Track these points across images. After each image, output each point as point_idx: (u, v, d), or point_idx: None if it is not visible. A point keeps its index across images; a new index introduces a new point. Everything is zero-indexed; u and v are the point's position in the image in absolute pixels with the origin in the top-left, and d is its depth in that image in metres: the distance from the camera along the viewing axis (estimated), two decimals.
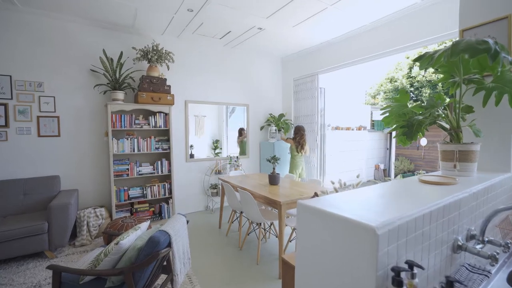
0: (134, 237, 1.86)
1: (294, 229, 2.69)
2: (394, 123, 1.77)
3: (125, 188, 3.68)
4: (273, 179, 3.11)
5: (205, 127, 4.68)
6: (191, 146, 4.49)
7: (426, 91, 11.40)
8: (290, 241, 2.86)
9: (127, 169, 3.66)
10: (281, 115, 5.16)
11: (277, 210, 2.56)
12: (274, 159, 3.12)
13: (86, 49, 3.56)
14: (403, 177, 7.97)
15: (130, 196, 3.71)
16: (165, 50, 3.81)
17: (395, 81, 12.97)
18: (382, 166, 8.52)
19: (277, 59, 5.40)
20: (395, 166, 8.18)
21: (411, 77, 12.27)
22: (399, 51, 3.50)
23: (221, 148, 4.85)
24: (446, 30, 2.88)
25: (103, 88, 3.63)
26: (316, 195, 1.16)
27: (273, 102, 5.41)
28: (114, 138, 3.54)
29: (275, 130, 5.06)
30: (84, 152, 3.61)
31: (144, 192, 3.80)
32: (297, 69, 5.08)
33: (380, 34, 3.56)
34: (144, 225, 2.03)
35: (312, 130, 4.82)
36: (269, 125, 5.21)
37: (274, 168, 3.17)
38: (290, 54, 5.11)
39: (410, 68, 12.36)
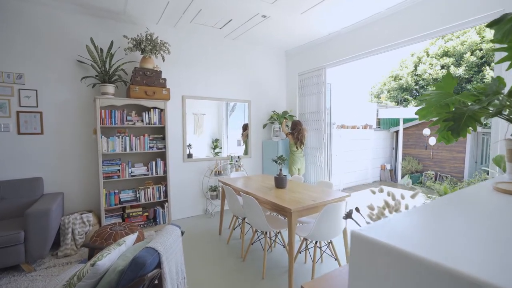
0: (117, 254, 1.53)
1: (304, 240, 2.36)
2: (434, 116, 1.42)
3: (116, 191, 3.35)
4: (280, 182, 2.78)
5: (204, 125, 4.36)
6: (189, 145, 4.16)
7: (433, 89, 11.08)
8: (300, 253, 2.53)
9: (118, 170, 3.32)
10: (285, 112, 4.84)
11: (284, 217, 2.24)
12: (281, 159, 2.80)
13: (73, 37, 3.23)
14: (411, 177, 7.66)
15: (122, 199, 3.38)
16: (160, 40, 3.48)
17: (400, 79, 12.66)
18: (388, 167, 8.20)
19: (281, 52, 5.07)
20: (402, 167, 7.86)
21: (417, 75, 11.95)
22: (418, 40, 3.17)
23: (221, 148, 4.52)
24: (476, 13, 2.55)
25: (91, 81, 3.29)
26: (357, 210, 0.83)
27: (276, 99, 5.08)
28: (103, 136, 3.20)
29: (279, 128, 4.73)
30: (70, 151, 3.27)
31: (137, 195, 3.47)
32: (303, 63, 4.75)
33: (397, 21, 3.23)
34: (130, 238, 1.70)
35: (318, 128, 4.50)
36: (272, 122, 4.88)
37: (280, 170, 2.84)
38: (295, 46, 4.78)
39: (416, 66, 12.04)
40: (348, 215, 0.88)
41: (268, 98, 4.96)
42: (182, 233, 1.83)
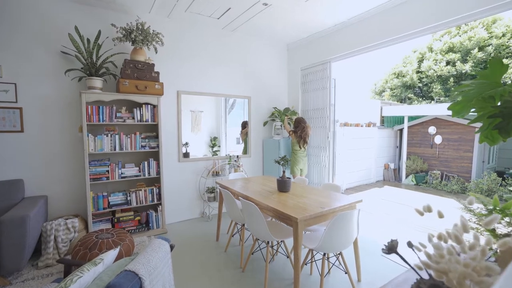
0: (91, 277, 1.28)
1: (310, 250, 2.11)
2: (475, 111, 1.16)
3: (105, 194, 3.09)
4: (283, 185, 2.53)
5: (202, 123, 4.09)
6: (186, 143, 3.90)
7: (437, 87, 10.83)
8: (306, 264, 2.29)
9: (107, 171, 3.06)
10: (287, 109, 4.57)
11: (287, 225, 1.98)
12: (284, 160, 2.54)
13: (56, 26, 2.95)
14: (416, 177, 7.42)
15: (111, 203, 3.12)
16: (153, 30, 3.20)
17: (404, 76, 12.38)
18: (392, 166, 7.96)
19: (283, 45, 4.80)
20: (406, 166, 7.61)
21: (420, 71, 11.66)
22: (431, 30, 2.91)
23: (219, 146, 4.26)
24: (492, 2, 2.29)
25: (76, 74, 3.02)
26: (409, 246, 0.58)
27: (278, 95, 4.82)
28: (90, 135, 2.94)
29: (281, 125, 4.47)
30: (54, 150, 3.01)
31: (128, 198, 3.21)
32: (306, 57, 4.48)
33: (409, 10, 2.96)
34: (110, 255, 1.45)
35: (323, 126, 4.24)
36: (273, 120, 4.62)
37: (284, 171, 2.58)
38: (298, 39, 4.50)
39: (420, 62, 11.74)
40: (391, 249, 0.62)
41: (269, 94, 4.69)
42: (172, 247, 1.58)
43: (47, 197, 2.95)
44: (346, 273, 2.12)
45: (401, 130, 8.21)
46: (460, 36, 9.52)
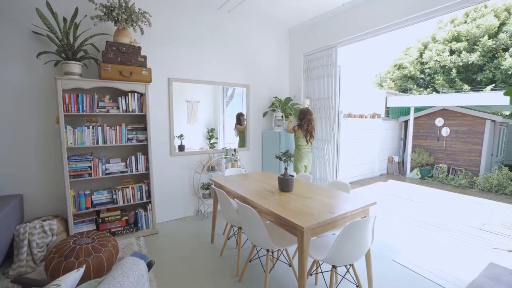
0: None
1: (316, 262, 1.84)
2: None
3: (87, 192, 2.79)
4: (286, 184, 2.23)
5: (199, 114, 3.77)
6: (181, 135, 3.59)
7: (440, 78, 10.43)
8: (311, 275, 2.02)
9: (89, 167, 2.76)
10: (288, 99, 4.24)
11: (290, 233, 1.69)
12: (287, 156, 2.23)
13: (26, 2, 2.58)
14: (421, 171, 7.15)
15: (94, 202, 2.83)
16: (139, 9, 2.84)
17: (404, 68, 11.95)
18: (396, 159, 7.68)
19: (284, 29, 4.42)
20: (411, 159, 7.33)
21: (422, 63, 11.23)
22: (450, 9, 2.56)
23: (216, 138, 3.95)
24: None
25: (51, 58, 2.67)
26: None
27: (278, 83, 4.47)
28: (69, 126, 2.62)
29: (282, 116, 4.14)
30: (28, 144, 2.69)
31: (114, 196, 2.92)
32: (309, 42, 4.11)
33: None
34: (69, 280, 1.15)
35: (328, 117, 3.91)
36: (273, 110, 4.29)
37: (286, 168, 2.28)
38: (301, 22, 4.12)
39: (421, 53, 11.28)
40: None
41: (269, 82, 4.35)
42: (151, 265, 1.29)
43: (22, 196, 2.65)
44: (357, 286, 1.84)
45: (406, 122, 7.89)
46: (467, 24, 9.06)
